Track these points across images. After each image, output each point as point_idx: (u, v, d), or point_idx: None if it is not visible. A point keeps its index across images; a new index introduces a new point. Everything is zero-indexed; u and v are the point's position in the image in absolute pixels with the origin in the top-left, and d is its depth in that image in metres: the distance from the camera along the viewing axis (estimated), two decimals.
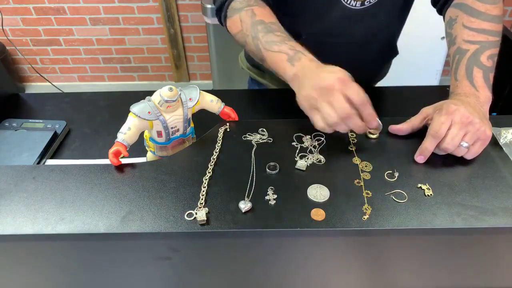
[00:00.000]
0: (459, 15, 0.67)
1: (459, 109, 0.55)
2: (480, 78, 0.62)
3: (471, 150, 0.56)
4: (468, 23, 0.66)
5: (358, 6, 0.76)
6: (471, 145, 0.56)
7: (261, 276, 0.59)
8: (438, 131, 0.55)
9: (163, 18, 2.25)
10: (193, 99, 0.60)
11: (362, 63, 0.88)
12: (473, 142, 0.56)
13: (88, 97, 0.94)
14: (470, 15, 0.66)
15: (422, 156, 0.57)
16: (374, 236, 0.50)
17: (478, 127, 0.55)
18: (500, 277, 0.59)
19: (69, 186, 0.54)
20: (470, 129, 0.55)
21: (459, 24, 0.67)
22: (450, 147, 0.55)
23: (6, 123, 0.81)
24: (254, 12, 0.71)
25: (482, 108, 0.59)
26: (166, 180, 0.55)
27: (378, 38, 0.85)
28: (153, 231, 0.48)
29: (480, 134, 0.55)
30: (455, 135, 0.55)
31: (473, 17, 0.65)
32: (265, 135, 0.63)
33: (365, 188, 0.53)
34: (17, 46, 2.40)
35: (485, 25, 0.64)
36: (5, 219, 0.49)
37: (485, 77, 0.62)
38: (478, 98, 0.60)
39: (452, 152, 0.56)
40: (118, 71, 2.55)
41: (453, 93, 0.63)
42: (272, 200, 0.51)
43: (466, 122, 0.55)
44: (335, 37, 0.82)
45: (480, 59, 0.63)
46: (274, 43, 0.65)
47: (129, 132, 0.56)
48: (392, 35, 0.90)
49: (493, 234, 0.50)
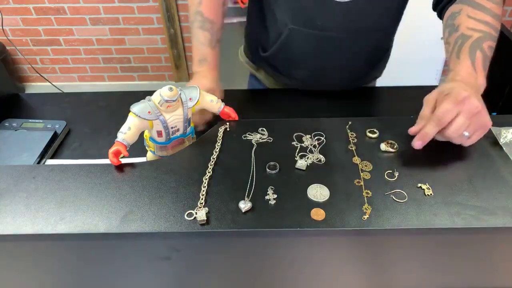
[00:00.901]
0: (463, 8, 0.68)
1: (469, 98, 0.53)
2: (480, 62, 0.61)
3: (471, 138, 0.56)
4: (473, 14, 0.66)
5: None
6: (473, 134, 0.55)
7: (261, 276, 0.59)
8: (442, 118, 0.54)
9: (163, 18, 2.25)
10: (193, 99, 0.60)
11: (350, 58, 0.88)
12: (475, 131, 0.55)
13: (88, 97, 0.94)
14: (474, 8, 0.67)
15: (421, 141, 0.56)
16: (374, 236, 0.50)
17: (484, 117, 0.54)
18: (500, 277, 0.59)
19: (69, 186, 0.54)
20: (475, 119, 0.54)
21: (464, 15, 0.67)
22: (454, 136, 0.54)
23: (6, 123, 0.81)
24: (201, 2, 0.81)
25: (479, 91, 0.59)
26: (166, 180, 0.55)
27: (367, 34, 0.84)
28: (153, 231, 0.48)
29: (483, 124, 0.55)
30: (461, 124, 0.54)
31: (478, 10, 0.66)
32: (265, 134, 0.63)
33: (365, 188, 0.53)
34: (17, 46, 2.40)
35: (488, 19, 0.65)
36: (5, 219, 0.49)
37: (484, 63, 0.62)
38: (476, 80, 0.59)
39: (452, 139, 0.56)
40: (118, 71, 2.55)
41: (453, 71, 0.62)
42: (272, 200, 0.51)
43: (474, 112, 0.54)
44: (321, 30, 0.82)
45: (483, 45, 0.63)
46: (198, 41, 0.80)
47: (129, 132, 0.56)
48: (384, 33, 0.89)
49: (492, 234, 0.50)
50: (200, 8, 0.81)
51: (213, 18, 0.82)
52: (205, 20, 0.81)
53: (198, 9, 0.81)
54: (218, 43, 0.82)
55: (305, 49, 0.87)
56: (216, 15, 0.82)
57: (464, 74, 0.60)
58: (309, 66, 0.90)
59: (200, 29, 0.81)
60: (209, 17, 0.81)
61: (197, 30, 0.81)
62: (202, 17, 0.81)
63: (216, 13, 0.82)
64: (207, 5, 0.81)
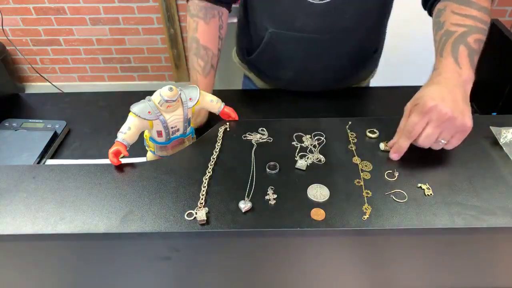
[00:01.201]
0: (448, 4, 0.67)
1: (436, 106, 0.53)
2: (465, 56, 0.60)
3: (450, 143, 0.55)
4: (458, 9, 0.65)
5: (318, 0, 0.76)
6: (451, 138, 0.55)
7: (261, 276, 0.59)
8: (412, 131, 0.55)
9: (163, 18, 2.25)
10: (193, 99, 0.60)
11: (333, 58, 0.88)
12: (452, 135, 0.55)
13: (88, 97, 0.94)
14: (459, 3, 0.65)
15: (396, 154, 0.57)
16: (374, 236, 0.50)
17: (457, 122, 0.53)
18: (500, 277, 0.59)
19: (69, 186, 0.54)
20: (447, 125, 0.54)
21: (448, 11, 0.66)
22: (425, 144, 0.55)
23: (6, 123, 0.81)
24: (197, 28, 0.82)
25: (464, 88, 0.57)
26: (166, 180, 0.55)
27: (347, 34, 0.83)
28: (153, 231, 0.48)
29: (459, 128, 0.54)
30: (430, 134, 0.54)
31: (463, 5, 0.65)
32: (265, 134, 0.63)
33: (365, 188, 0.53)
34: (17, 46, 2.40)
35: (474, 13, 0.64)
36: (5, 219, 0.49)
37: (470, 56, 0.60)
38: (460, 76, 0.58)
39: (431, 147, 0.56)
40: (118, 71, 2.55)
41: (436, 70, 0.61)
42: (272, 200, 0.51)
43: (443, 119, 0.53)
44: (300, 32, 0.82)
45: (467, 39, 0.62)
46: (193, 67, 0.82)
47: (129, 132, 0.56)
48: (366, 33, 0.87)
49: (492, 234, 0.50)
50: (195, 35, 0.82)
51: (208, 44, 0.82)
52: (199, 47, 0.81)
53: (194, 35, 0.82)
54: (212, 69, 0.83)
55: (287, 52, 0.87)
56: (211, 42, 0.83)
57: (446, 72, 0.59)
58: (294, 67, 0.90)
59: (194, 56, 0.82)
60: (203, 43, 0.82)
61: (192, 57, 0.82)
62: (197, 44, 0.82)
63: (211, 40, 0.83)
64: (202, 32, 0.82)
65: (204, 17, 0.82)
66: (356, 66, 0.94)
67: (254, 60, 0.96)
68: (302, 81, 0.94)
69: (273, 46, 0.87)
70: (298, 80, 0.94)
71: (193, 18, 0.82)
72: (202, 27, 0.82)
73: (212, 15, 0.82)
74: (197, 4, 0.82)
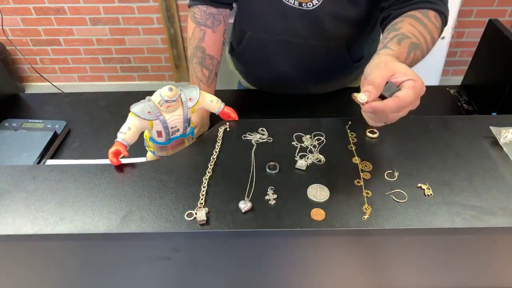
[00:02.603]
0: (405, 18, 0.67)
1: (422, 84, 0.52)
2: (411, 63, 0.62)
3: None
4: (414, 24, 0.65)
5: (296, 5, 0.76)
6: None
7: (261, 276, 0.59)
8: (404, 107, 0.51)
9: (163, 18, 2.25)
10: (193, 99, 0.60)
11: (310, 64, 0.88)
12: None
13: (88, 97, 0.94)
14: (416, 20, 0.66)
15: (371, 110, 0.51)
16: (374, 236, 0.50)
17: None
18: (500, 277, 0.59)
19: (69, 186, 0.54)
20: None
21: (406, 23, 0.65)
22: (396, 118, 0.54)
23: (6, 123, 0.81)
24: (204, 38, 0.81)
25: None
26: (166, 180, 0.55)
27: (325, 44, 0.83)
28: (153, 231, 0.48)
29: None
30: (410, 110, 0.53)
31: (419, 24, 0.65)
32: (265, 134, 0.63)
33: (365, 188, 0.53)
34: (17, 46, 2.40)
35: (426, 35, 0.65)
36: (5, 219, 0.49)
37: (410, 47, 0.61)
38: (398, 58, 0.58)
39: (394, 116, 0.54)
40: (118, 71, 2.55)
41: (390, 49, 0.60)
42: (272, 200, 0.51)
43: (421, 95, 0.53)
44: (278, 35, 0.83)
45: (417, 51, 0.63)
46: (196, 77, 0.82)
47: (129, 132, 0.56)
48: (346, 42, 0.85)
49: (493, 234, 0.50)
50: (202, 44, 0.81)
51: (214, 54, 0.82)
52: (205, 57, 0.81)
53: (200, 45, 0.81)
54: (215, 77, 0.84)
55: (265, 54, 0.88)
56: (216, 50, 0.83)
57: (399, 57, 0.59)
58: (273, 69, 0.90)
59: (199, 65, 0.81)
60: (210, 53, 0.82)
61: (196, 66, 0.82)
62: (203, 54, 0.81)
63: (217, 48, 0.83)
64: (209, 41, 0.82)
65: (212, 26, 0.81)
66: (334, 73, 0.93)
67: (237, 56, 0.98)
68: (280, 84, 0.94)
69: (251, 49, 0.89)
70: (275, 83, 0.95)
71: (200, 27, 0.81)
72: (210, 36, 0.81)
73: (219, 22, 0.82)
74: (204, 11, 0.81)
